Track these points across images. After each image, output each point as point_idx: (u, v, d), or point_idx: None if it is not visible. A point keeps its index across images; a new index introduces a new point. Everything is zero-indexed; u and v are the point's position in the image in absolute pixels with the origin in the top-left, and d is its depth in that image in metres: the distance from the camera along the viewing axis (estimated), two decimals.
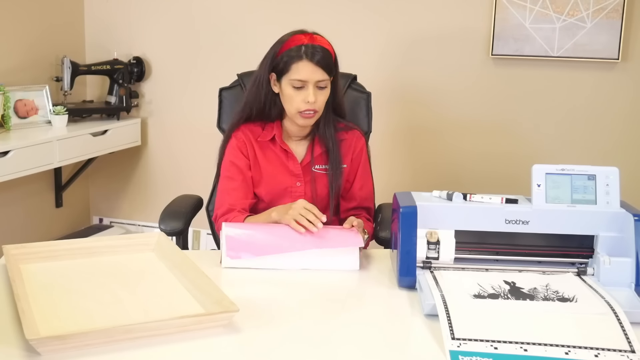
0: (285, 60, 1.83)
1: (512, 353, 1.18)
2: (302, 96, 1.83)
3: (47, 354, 1.15)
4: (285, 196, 1.92)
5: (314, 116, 1.86)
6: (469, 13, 3.06)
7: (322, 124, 1.93)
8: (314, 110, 1.84)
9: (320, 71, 1.82)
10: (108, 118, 3.47)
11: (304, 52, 1.81)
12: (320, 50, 1.82)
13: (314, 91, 1.82)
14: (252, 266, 1.62)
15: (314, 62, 1.81)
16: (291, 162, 1.94)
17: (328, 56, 1.84)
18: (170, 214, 2.05)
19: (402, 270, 1.49)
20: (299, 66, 1.81)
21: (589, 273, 1.51)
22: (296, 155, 1.95)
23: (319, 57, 1.81)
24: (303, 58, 1.81)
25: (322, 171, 1.95)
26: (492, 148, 3.14)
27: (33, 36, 3.29)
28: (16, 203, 3.29)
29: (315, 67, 1.81)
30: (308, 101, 1.82)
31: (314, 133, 1.95)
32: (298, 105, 1.84)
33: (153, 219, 3.51)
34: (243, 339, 1.25)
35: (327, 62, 1.83)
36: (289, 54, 1.83)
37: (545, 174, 1.53)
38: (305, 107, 1.83)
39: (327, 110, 1.93)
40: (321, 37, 1.88)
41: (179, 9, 3.46)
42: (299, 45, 1.82)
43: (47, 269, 1.52)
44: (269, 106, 1.92)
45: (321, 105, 1.86)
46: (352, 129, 2.00)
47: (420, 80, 3.17)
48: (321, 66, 1.81)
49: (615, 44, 2.87)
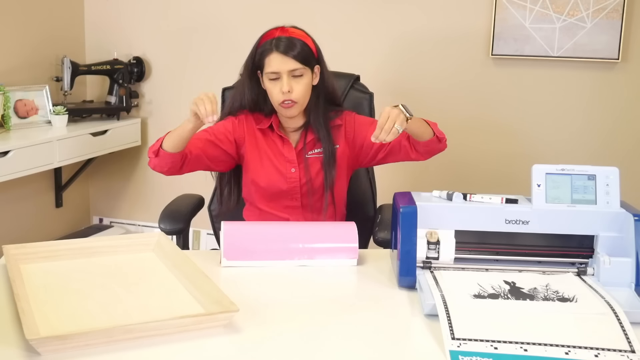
0: (259, 56, 1.89)
1: (512, 353, 1.18)
2: (278, 87, 1.87)
3: (47, 354, 1.15)
4: (280, 181, 1.95)
5: (293, 106, 1.89)
6: (469, 13, 3.06)
7: (313, 115, 1.96)
8: (291, 100, 1.87)
9: (291, 61, 1.85)
10: (108, 118, 3.47)
11: (274, 44, 1.86)
12: (288, 40, 1.86)
13: (288, 81, 1.86)
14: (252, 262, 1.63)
15: (283, 53, 1.85)
16: (286, 149, 1.97)
17: (299, 45, 1.87)
18: (170, 214, 2.05)
19: (402, 270, 1.49)
20: (270, 59, 1.86)
21: (589, 273, 1.51)
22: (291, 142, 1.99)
23: (287, 48, 1.85)
24: (273, 50, 1.86)
25: (315, 155, 1.96)
26: (492, 148, 3.14)
27: (33, 36, 3.29)
28: (16, 203, 3.29)
29: (284, 57, 1.85)
30: (283, 91, 1.85)
31: (308, 123, 1.98)
32: (277, 97, 1.88)
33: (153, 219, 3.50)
34: (243, 339, 1.25)
35: (299, 52, 1.86)
36: (262, 47, 1.89)
37: (545, 174, 1.53)
38: (283, 97, 1.87)
39: (316, 100, 1.95)
40: (295, 29, 1.92)
41: (179, 9, 3.46)
42: (270, 39, 1.88)
43: (47, 269, 1.52)
44: (262, 102, 1.97)
45: (299, 95, 1.88)
46: (342, 112, 2.02)
47: (420, 80, 3.18)
48: (291, 56, 1.85)
49: (615, 44, 2.87)
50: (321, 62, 1.95)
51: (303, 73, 1.88)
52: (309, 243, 1.66)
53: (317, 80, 1.94)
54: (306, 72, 1.89)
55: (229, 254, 1.63)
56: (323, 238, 1.69)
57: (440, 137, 1.86)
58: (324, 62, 1.97)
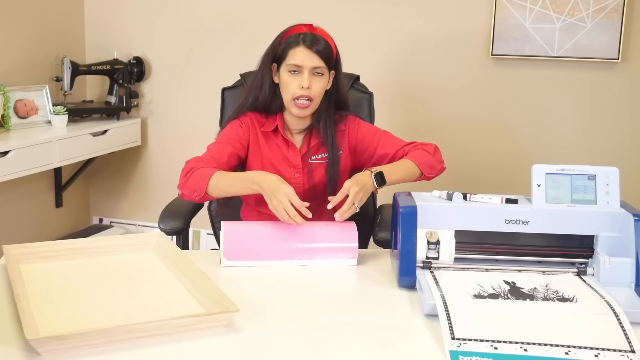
0: (283, 48, 1.88)
1: (512, 353, 1.18)
2: (297, 81, 1.86)
3: (47, 354, 1.15)
4: None
5: (308, 106, 1.87)
6: (469, 13, 3.06)
7: (322, 120, 1.94)
8: (309, 97, 1.86)
9: (317, 58, 1.85)
10: (108, 118, 3.47)
11: (302, 39, 1.86)
12: (317, 38, 1.86)
13: (309, 77, 1.85)
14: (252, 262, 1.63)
15: (310, 48, 1.84)
16: (291, 153, 1.95)
17: (326, 45, 1.87)
18: (170, 214, 2.05)
19: (402, 270, 1.49)
20: (295, 51, 1.85)
21: (589, 273, 1.51)
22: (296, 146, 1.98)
23: (315, 44, 1.85)
24: (300, 44, 1.85)
25: (319, 161, 1.96)
26: (492, 148, 3.14)
27: (33, 36, 3.29)
28: (16, 203, 3.28)
29: (310, 53, 1.84)
30: (302, 86, 1.84)
31: (313, 126, 1.97)
32: (293, 91, 1.86)
33: (153, 219, 3.50)
34: (243, 339, 1.25)
35: (324, 51, 1.86)
36: (287, 40, 1.88)
37: (545, 174, 1.53)
38: (300, 92, 1.85)
39: (327, 106, 1.95)
40: (322, 29, 1.92)
41: (179, 9, 3.46)
42: (298, 33, 1.88)
43: (47, 269, 1.52)
44: (270, 97, 1.94)
45: (316, 93, 1.87)
46: (346, 117, 2.01)
47: (421, 80, 3.18)
48: (317, 53, 1.85)
49: (615, 44, 2.87)
50: (339, 67, 1.95)
51: (324, 72, 1.88)
52: (309, 243, 1.66)
53: (329, 85, 1.93)
54: (326, 72, 1.89)
55: (229, 254, 1.63)
56: (323, 238, 1.69)
57: (428, 175, 1.89)
58: (340, 68, 1.96)
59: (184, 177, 1.79)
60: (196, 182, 1.76)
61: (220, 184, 1.76)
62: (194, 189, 1.76)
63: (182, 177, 1.79)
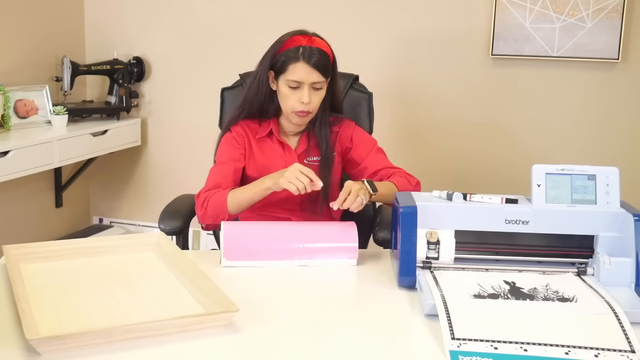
0: (283, 60, 1.87)
1: (512, 353, 1.18)
2: (297, 96, 1.87)
3: (47, 354, 1.15)
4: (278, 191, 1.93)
5: (307, 116, 1.91)
6: (469, 13, 3.06)
7: (318, 123, 1.96)
8: (308, 111, 1.88)
9: (316, 73, 1.85)
10: (108, 118, 3.47)
11: (302, 53, 1.85)
12: (317, 53, 1.85)
13: (309, 92, 1.86)
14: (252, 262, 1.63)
15: (310, 64, 1.84)
16: (287, 154, 1.97)
17: (325, 58, 1.87)
18: (170, 214, 2.05)
19: (402, 270, 1.49)
20: (295, 67, 1.85)
21: (589, 273, 1.51)
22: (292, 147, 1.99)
23: (315, 60, 1.84)
24: (300, 59, 1.84)
25: (314, 162, 1.97)
26: (492, 148, 3.14)
27: (33, 36, 3.29)
28: (16, 203, 3.28)
29: (311, 69, 1.84)
30: (302, 102, 1.86)
31: (308, 128, 1.99)
32: (293, 105, 1.88)
33: (153, 219, 3.50)
34: (243, 339, 1.25)
35: (324, 64, 1.86)
36: (287, 54, 1.86)
37: (545, 174, 1.53)
38: (300, 107, 1.87)
39: (323, 110, 1.96)
40: (320, 40, 1.91)
41: (179, 9, 3.46)
42: (297, 46, 1.86)
43: (47, 269, 1.52)
44: (267, 102, 1.95)
45: (315, 106, 1.90)
46: (342, 120, 2.03)
47: (420, 80, 3.18)
48: (317, 68, 1.85)
49: (615, 44, 2.87)
50: (335, 73, 1.95)
51: (323, 86, 1.89)
52: (309, 243, 1.66)
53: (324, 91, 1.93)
54: (325, 85, 1.90)
55: (229, 254, 1.63)
56: (323, 238, 1.70)
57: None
58: (337, 73, 1.97)
59: (201, 209, 1.83)
60: (216, 209, 1.81)
61: (237, 199, 1.80)
62: (217, 215, 1.80)
63: (199, 211, 1.84)
